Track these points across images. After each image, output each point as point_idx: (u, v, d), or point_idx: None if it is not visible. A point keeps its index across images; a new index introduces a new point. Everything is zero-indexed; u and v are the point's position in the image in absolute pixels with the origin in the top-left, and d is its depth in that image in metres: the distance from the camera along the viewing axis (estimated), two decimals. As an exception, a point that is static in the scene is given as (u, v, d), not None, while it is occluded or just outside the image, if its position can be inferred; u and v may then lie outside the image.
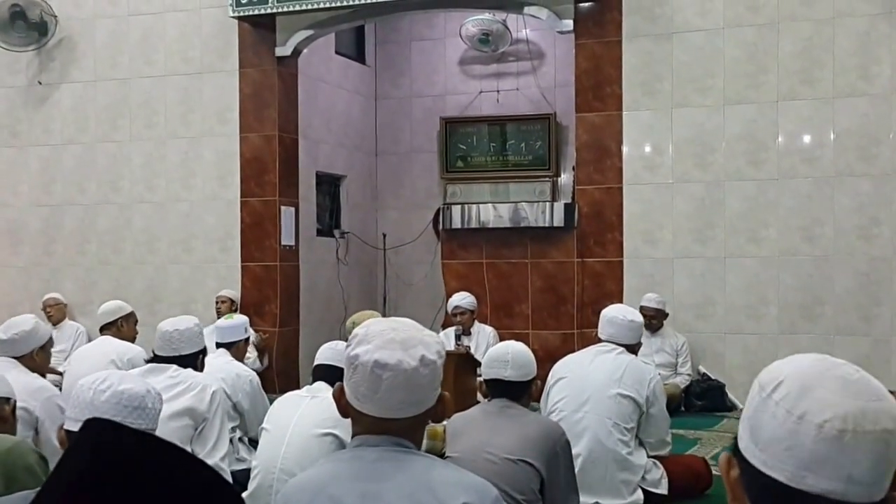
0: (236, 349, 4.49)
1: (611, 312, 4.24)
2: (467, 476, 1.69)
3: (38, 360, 3.91)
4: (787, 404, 0.97)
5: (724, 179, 6.84)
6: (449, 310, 6.83)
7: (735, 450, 1.03)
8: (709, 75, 6.87)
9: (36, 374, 3.82)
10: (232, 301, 7.52)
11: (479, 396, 5.08)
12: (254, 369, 5.36)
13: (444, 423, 3.11)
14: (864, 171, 6.54)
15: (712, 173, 6.87)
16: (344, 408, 1.71)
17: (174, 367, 3.59)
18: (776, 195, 6.73)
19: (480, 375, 3.23)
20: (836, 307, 6.58)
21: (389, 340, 1.64)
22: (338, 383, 1.73)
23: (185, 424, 3.44)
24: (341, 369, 3.54)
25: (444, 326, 7.23)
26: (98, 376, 2.10)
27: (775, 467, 0.97)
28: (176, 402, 3.42)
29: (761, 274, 6.76)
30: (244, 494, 3.30)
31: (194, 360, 3.70)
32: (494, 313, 7.63)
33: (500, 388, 3.08)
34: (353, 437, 1.72)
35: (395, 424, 1.66)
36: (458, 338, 6.59)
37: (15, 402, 2.95)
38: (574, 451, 3.44)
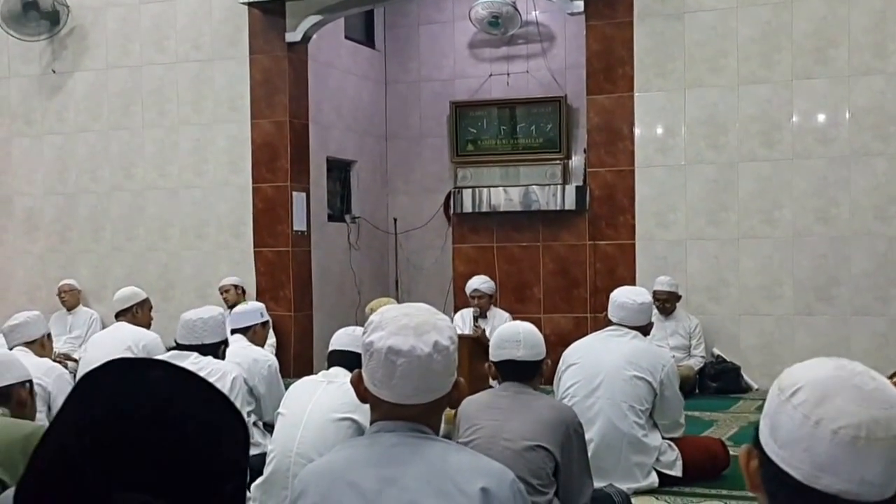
0: (253, 333, 4.50)
1: (620, 296, 4.22)
2: (484, 461, 1.69)
3: (46, 346, 4.22)
4: (804, 409, 1.02)
5: (737, 160, 6.80)
6: (467, 291, 6.83)
7: (756, 442, 1.08)
8: (722, 55, 6.81)
9: (45, 359, 4.08)
10: (236, 287, 7.49)
11: (492, 381, 5.09)
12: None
13: None
14: (880, 150, 6.48)
15: (726, 154, 6.83)
16: (363, 393, 1.72)
17: (195, 354, 3.61)
18: (790, 175, 6.68)
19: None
20: (852, 288, 6.55)
21: (403, 326, 1.65)
22: (356, 370, 1.74)
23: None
24: (357, 354, 3.55)
25: (456, 310, 7.24)
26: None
27: (792, 466, 1.02)
28: None
29: (775, 255, 6.73)
30: (259, 480, 3.32)
31: (216, 350, 3.72)
32: (506, 297, 7.63)
33: (512, 369, 3.05)
34: (371, 422, 1.74)
35: (411, 410, 1.67)
36: (475, 320, 6.61)
37: (31, 383, 2.97)
38: (587, 436, 3.44)
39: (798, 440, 1.02)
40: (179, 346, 3.70)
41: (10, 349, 3.97)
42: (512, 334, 3.08)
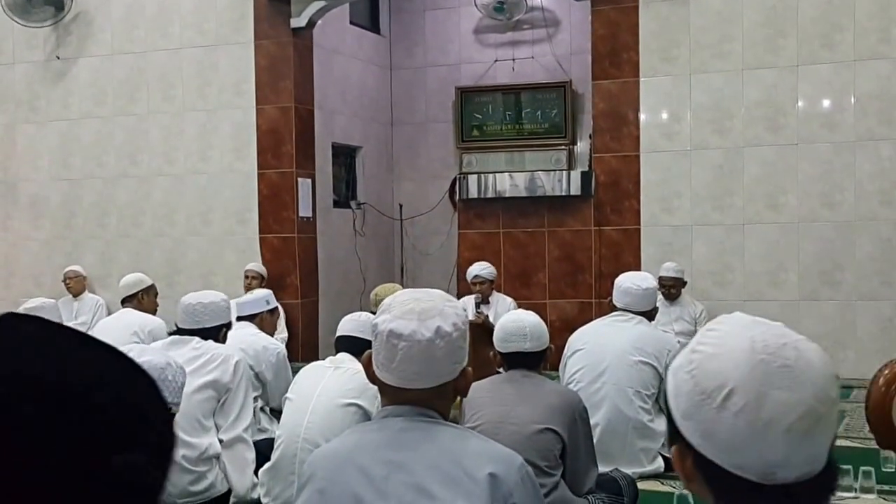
0: (260, 321, 4.52)
1: (624, 282, 4.23)
2: (493, 446, 1.70)
3: None
4: (747, 416, 0.94)
5: (742, 146, 6.79)
6: (468, 278, 6.85)
7: (682, 441, 0.99)
8: (727, 40, 6.79)
9: None
10: (262, 277, 7.52)
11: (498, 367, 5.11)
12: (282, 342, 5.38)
13: None
14: (885, 135, 6.46)
15: (731, 139, 6.81)
16: (372, 375, 1.72)
17: (196, 339, 3.61)
18: (796, 161, 6.67)
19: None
20: (857, 273, 6.55)
21: (408, 311, 1.65)
22: (367, 351, 1.75)
23: (208, 396, 3.48)
24: (364, 340, 3.58)
25: (459, 296, 7.25)
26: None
27: (744, 468, 0.95)
28: (200, 375, 3.45)
29: (781, 240, 6.73)
30: (267, 465, 3.35)
31: (217, 333, 3.71)
32: (511, 283, 7.64)
33: (519, 360, 3.10)
34: (381, 406, 1.75)
35: (416, 394, 1.67)
36: (477, 306, 6.62)
37: None
38: (593, 421, 3.46)
39: (747, 446, 0.95)
40: (180, 331, 3.69)
41: None
42: (518, 328, 3.10)
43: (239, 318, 4.54)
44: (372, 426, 1.75)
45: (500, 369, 3.24)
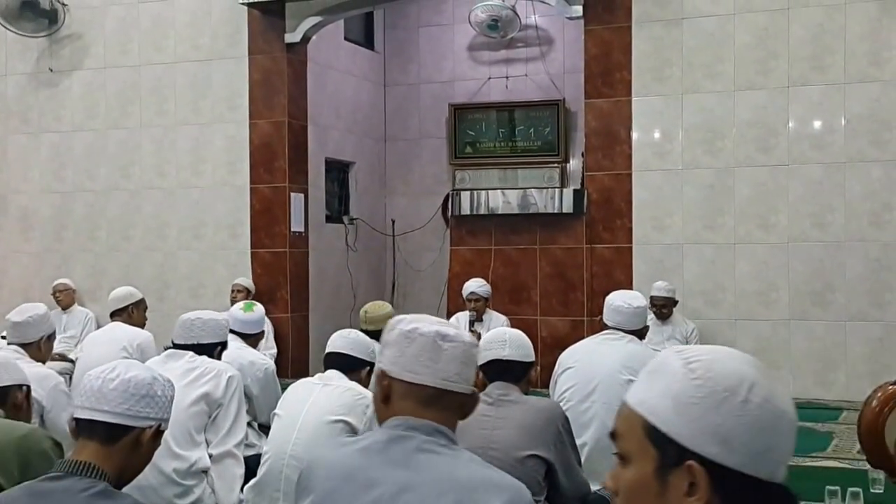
0: (254, 339, 4.52)
1: (615, 300, 4.21)
2: (502, 478, 1.70)
3: (43, 349, 3.98)
4: (770, 406, 0.98)
5: (733, 165, 6.82)
6: (464, 294, 6.82)
7: (689, 458, 0.98)
8: (719, 61, 6.83)
9: (40, 364, 3.87)
10: (249, 291, 7.50)
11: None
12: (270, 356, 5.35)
13: None
14: (875, 157, 6.50)
15: (722, 159, 6.85)
16: (386, 389, 1.73)
17: (191, 353, 3.59)
18: (786, 181, 6.70)
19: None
20: (847, 293, 6.57)
21: (438, 321, 1.76)
22: (378, 366, 1.76)
23: (200, 410, 3.45)
24: (353, 357, 3.55)
25: (450, 313, 7.24)
26: (108, 366, 2.10)
27: (759, 467, 0.97)
28: (192, 389, 3.43)
29: (771, 260, 6.75)
30: (253, 481, 3.33)
31: (211, 350, 3.69)
32: (503, 300, 7.63)
33: (499, 369, 3.02)
34: (394, 415, 1.73)
35: (442, 402, 1.71)
36: (471, 324, 6.60)
37: (29, 388, 2.96)
38: (581, 440, 3.44)
39: (769, 438, 0.97)
40: (175, 346, 3.68)
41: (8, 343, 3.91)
42: (498, 335, 3.10)
43: (234, 333, 4.52)
44: (381, 437, 1.72)
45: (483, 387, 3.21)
